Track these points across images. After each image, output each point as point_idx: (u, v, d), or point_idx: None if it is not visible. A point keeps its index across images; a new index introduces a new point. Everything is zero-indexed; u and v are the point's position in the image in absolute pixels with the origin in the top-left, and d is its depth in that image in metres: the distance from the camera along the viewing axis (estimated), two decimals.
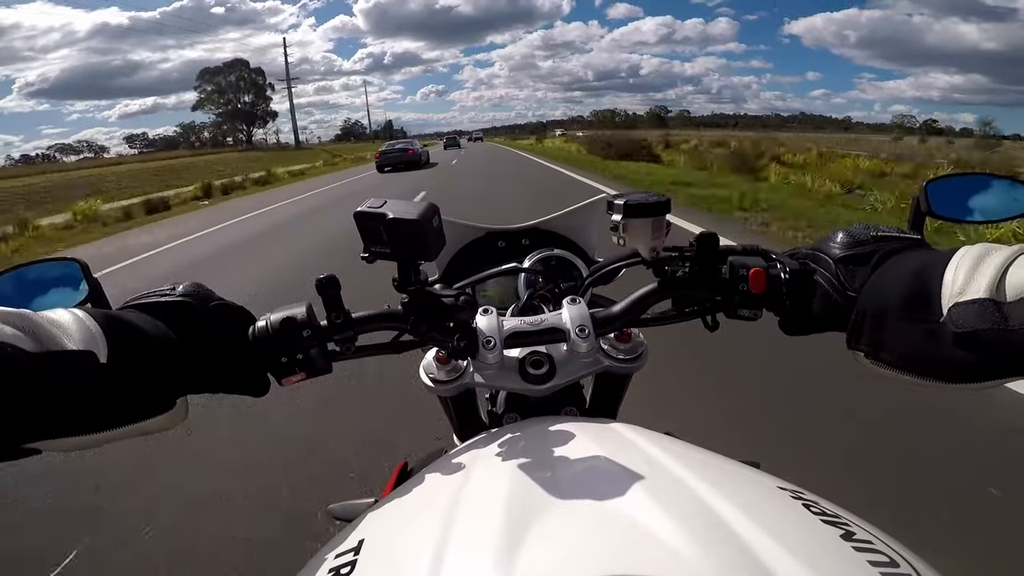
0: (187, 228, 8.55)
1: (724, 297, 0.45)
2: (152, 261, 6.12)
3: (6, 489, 1.75)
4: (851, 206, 6.54)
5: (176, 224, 9.54)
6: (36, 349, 0.28)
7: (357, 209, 0.38)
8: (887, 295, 0.34)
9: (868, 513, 0.30)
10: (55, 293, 0.43)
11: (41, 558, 1.44)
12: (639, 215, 0.42)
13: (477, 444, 0.41)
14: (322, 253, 5.26)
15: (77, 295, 0.42)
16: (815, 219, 5.14)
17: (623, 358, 0.48)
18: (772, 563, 0.23)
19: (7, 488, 1.76)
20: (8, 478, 1.79)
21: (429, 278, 0.43)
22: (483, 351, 0.45)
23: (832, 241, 0.41)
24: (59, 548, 1.47)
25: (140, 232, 9.10)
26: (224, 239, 7.10)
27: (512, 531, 0.26)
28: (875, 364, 0.36)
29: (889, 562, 0.24)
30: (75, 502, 1.69)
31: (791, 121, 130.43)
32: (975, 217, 0.45)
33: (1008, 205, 0.45)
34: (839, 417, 1.77)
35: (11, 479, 1.79)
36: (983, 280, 0.29)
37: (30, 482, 1.76)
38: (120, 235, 9.01)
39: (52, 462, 1.81)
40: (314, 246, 5.77)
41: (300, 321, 0.42)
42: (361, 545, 0.30)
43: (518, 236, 0.75)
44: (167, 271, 5.39)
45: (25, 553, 1.50)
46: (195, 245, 6.92)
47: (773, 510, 0.29)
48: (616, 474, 0.31)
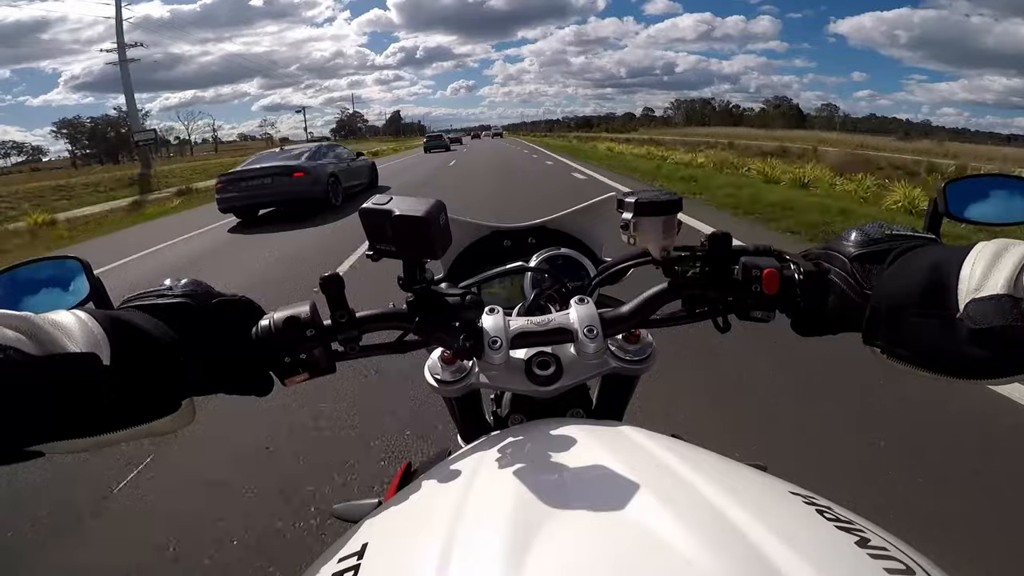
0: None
1: (736, 298, 0.44)
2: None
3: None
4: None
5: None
6: (38, 352, 0.27)
7: (363, 206, 0.38)
8: (903, 290, 0.34)
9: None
10: (56, 292, 0.42)
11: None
12: (650, 213, 0.41)
13: (482, 446, 0.41)
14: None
15: (78, 294, 0.42)
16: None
17: (631, 359, 0.47)
18: (787, 570, 0.22)
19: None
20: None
21: (435, 277, 0.42)
22: (489, 351, 0.44)
23: (846, 240, 0.40)
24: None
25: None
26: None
27: (518, 538, 0.25)
28: (892, 360, 0.35)
29: (905, 569, 0.24)
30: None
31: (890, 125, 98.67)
32: (994, 219, 0.44)
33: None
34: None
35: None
36: (1001, 276, 0.29)
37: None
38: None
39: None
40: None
41: (304, 320, 0.41)
42: (365, 549, 0.29)
43: (524, 235, 0.74)
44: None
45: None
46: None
47: (786, 516, 0.28)
48: (624, 479, 0.30)
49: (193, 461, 1.90)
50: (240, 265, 5.07)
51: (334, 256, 4.75)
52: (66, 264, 0.43)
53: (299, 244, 5.80)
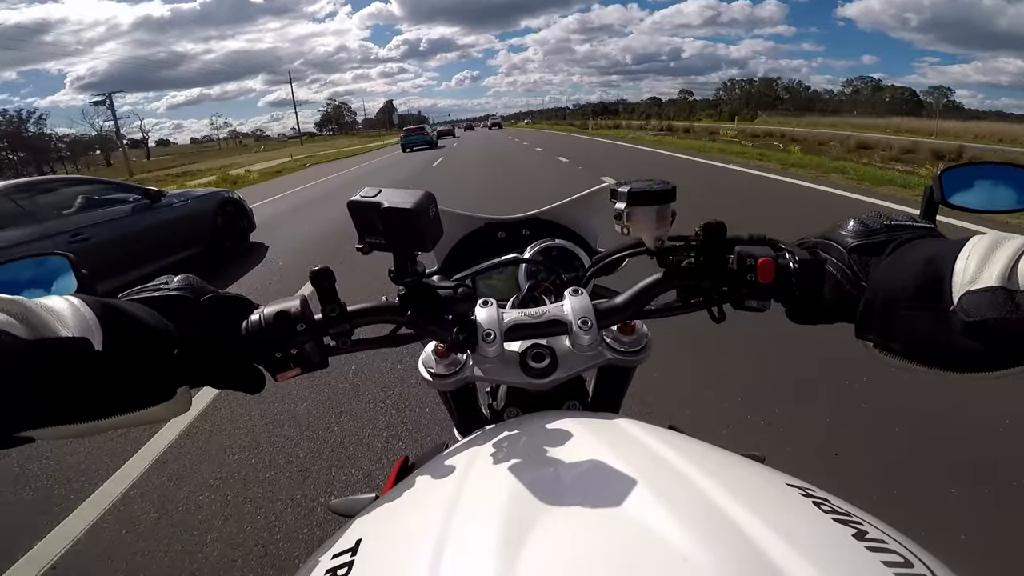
0: None
1: (731, 287, 0.44)
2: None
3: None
4: None
5: None
6: (29, 336, 0.27)
7: (351, 199, 0.37)
8: (897, 284, 0.34)
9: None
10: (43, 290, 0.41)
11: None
12: (644, 203, 0.41)
13: (478, 440, 0.40)
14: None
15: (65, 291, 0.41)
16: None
17: (627, 350, 0.47)
18: (784, 565, 0.22)
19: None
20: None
21: (427, 270, 0.41)
22: (483, 344, 0.44)
23: (844, 230, 0.40)
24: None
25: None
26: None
27: (512, 533, 0.25)
28: (885, 353, 0.35)
29: (903, 562, 0.24)
30: None
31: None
32: (990, 207, 0.44)
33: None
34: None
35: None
36: (995, 268, 0.29)
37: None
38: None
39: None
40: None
41: (294, 315, 0.41)
42: (358, 545, 0.29)
43: (518, 226, 0.74)
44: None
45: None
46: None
47: (783, 509, 0.28)
48: (620, 472, 0.30)
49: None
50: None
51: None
52: (51, 261, 0.42)
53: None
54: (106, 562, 1.45)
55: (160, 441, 2.00)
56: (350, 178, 13.98)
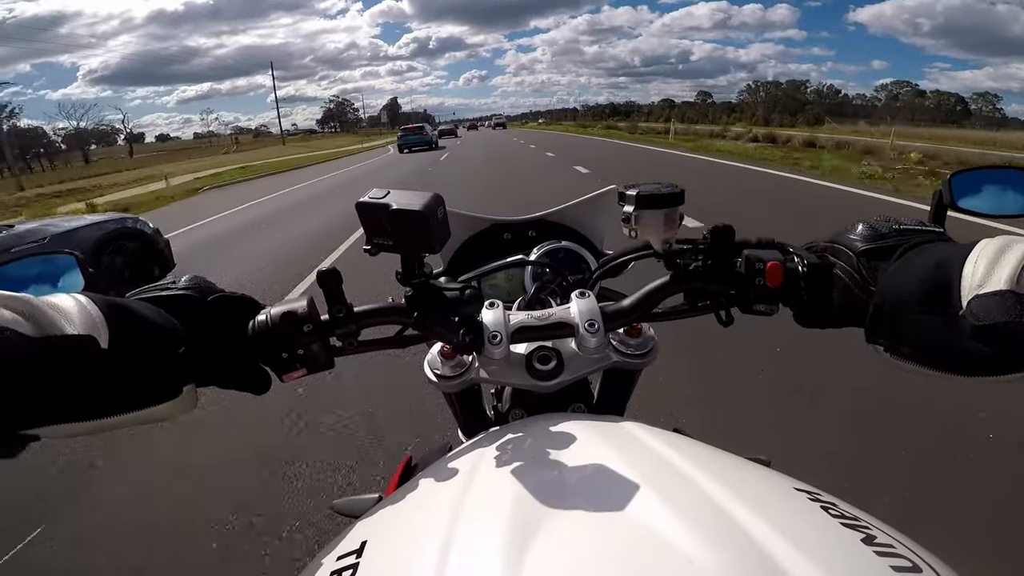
0: None
1: (739, 291, 0.43)
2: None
3: None
4: None
5: None
6: (36, 334, 0.27)
7: (359, 200, 0.37)
8: (906, 288, 0.33)
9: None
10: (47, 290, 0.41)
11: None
12: (652, 206, 0.41)
13: (482, 442, 0.40)
14: None
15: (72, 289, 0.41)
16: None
17: (633, 353, 0.47)
18: (791, 569, 0.22)
19: None
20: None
21: (434, 271, 0.42)
22: (489, 346, 0.44)
23: (852, 234, 0.40)
24: None
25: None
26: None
27: (517, 537, 0.25)
28: (895, 358, 0.35)
29: (912, 567, 0.23)
30: None
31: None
32: (1000, 212, 0.44)
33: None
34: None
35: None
36: (1004, 272, 0.28)
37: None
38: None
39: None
40: None
41: (301, 315, 0.41)
42: (363, 547, 0.29)
43: (525, 228, 0.74)
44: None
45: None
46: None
47: (791, 513, 0.28)
48: (625, 476, 0.30)
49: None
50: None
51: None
52: (58, 259, 0.42)
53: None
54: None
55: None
56: (332, 185, 11.45)
